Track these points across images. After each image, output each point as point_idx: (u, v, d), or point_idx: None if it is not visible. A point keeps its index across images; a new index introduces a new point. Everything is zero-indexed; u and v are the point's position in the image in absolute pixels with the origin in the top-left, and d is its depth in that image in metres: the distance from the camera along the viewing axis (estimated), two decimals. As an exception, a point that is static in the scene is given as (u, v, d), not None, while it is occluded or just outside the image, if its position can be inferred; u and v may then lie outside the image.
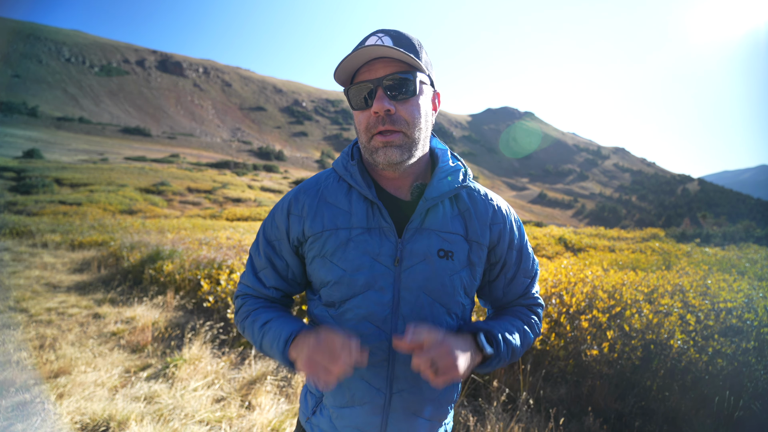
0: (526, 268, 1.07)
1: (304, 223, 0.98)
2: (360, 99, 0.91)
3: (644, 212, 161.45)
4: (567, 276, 3.99)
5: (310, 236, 0.97)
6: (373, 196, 0.95)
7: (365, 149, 0.95)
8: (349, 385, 0.96)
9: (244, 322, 1.03)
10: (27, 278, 6.32)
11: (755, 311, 3.05)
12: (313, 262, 0.98)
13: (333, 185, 1.00)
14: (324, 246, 0.95)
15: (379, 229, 0.94)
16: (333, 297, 0.96)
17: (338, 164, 1.02)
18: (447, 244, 0.95)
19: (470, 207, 1.00)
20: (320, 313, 1.00)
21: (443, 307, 0.95)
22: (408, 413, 0.97)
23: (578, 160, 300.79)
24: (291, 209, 1.00)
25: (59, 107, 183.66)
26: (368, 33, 0.95)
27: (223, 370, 3.30)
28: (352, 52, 0.88)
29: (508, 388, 2.88)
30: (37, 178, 29.04)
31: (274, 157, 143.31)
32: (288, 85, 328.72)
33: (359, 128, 0.94)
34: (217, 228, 12.24)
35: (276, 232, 1.03)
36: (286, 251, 1.02)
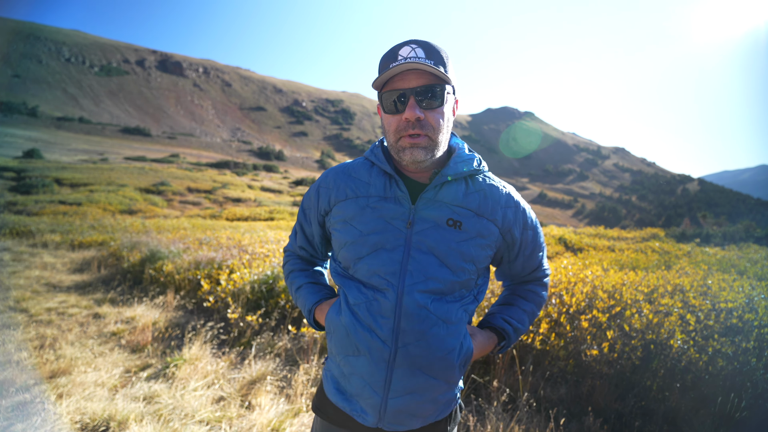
0: (540, 244, 1.23)
1: (330, 194, 1.16)
2: (392, 104, 1.02)
3: (644, 212, 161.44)
4: (567, 276, 3.99)
5: (334, 204, 1.14)
6: (391, 170, 1.09)
7: (392, 148, 1.07)
8: (356, 334, 1.04)
9: (286, 280, 1.34)
10: (27, 278, 6.31)
11: (756, 311, 3.05)
12: (335, 227, 1.14)
13: (359, 166, 1.17)
14: (346, 211, 1.11)
15: (395, 198, 1.07)
16: (349, 256, 1.09)
17: (368, 151, 1.18)
18: (456, 215, 1.06)
19: (484, 189, 1.11)
20: (339, 275, 1.14)
21: (449, 268, 1.04)
22: (414, 369, 1.02)
23: (578, 160, 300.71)
24: (321, 184, 1.19)
25: (59, 107, 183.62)
26: (401, 41, 1.04)
27: (223, 370, 3.30)
28: (391, 64, 1.00)
29: (508, 388, 2.88)
30: (37, 178, 29.02)
31: (274, 157, 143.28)
32: (288, 85, 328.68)
33: (389, 129, 1.05)
34: (217, 228, 12.24)
35: (309, 203, 1.22)
36: (313, 220, 1.22)
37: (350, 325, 1.05)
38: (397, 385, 1.02)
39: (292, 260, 1.34)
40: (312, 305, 1.21)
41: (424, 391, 1.04)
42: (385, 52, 1.04)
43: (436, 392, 1.05)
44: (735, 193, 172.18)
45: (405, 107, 1.00)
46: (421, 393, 1.04)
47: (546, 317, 3.25)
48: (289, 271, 1.33)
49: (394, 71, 0.98)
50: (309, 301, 1.22)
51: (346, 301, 1.09)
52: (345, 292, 1.10)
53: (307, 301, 1.22)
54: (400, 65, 0.97)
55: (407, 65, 0.97)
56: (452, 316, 1.04)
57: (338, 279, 1.15)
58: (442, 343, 1.03)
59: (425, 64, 0.96)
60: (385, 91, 1.02)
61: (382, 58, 1.04)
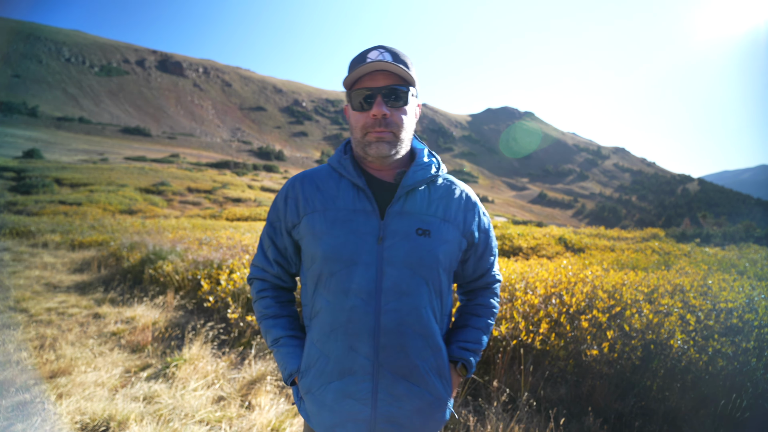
0: (491, 247, 1.26)
1: (298, 206, 1.14)
2: (360, 102, 1.08)
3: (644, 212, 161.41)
4: (567, 276, 3.99)
5: (303, 216, 1.13)
6: (363, 183, 1.10)
7: (358, 144, 1.12)
8: (338, 359, 1.07)
9: (259, 320, 1.25)
10: (27, 278, 6.32)
11: (756, 311, 3.05)
12: (304, 240, 1.13)
13: (325, 176, 1.17)
14: (315, 225, 1.10)
15: (364, 211, 1.09)
16: (321, 271, 1.08)
17: (332, 159, 1.19)
18: (425, 224, 1.10)
19: (446, 195, 1.16)
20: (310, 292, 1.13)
21: (422, 278, 1.08)
22: (397, 377, 1.07)
23: (578, 160, 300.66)
24: (288, 194, 1.17)
25: (59, 107, 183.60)
26: (369, 47, 1.11)
27: (223, 370, 3.30)
28: (360, 64, 1.06)
29: (508, 388, 2.88)
30: (37, 178, 29.02)
31: (274, 157, 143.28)
32: (288, 85, 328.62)
33: (356, 125, 1.10)
34: (217, 228, 12.23)
35: (276, 215, 1.20)
36: (284, 232, 1.19)
37: (332, 352, 1.08)
38: (384, 394, 1.06)
39: (266, 295, 1.23)
40: (294, 371, 1.15)
41: (409, 400, 1.08)
42: (355, 56, 1.11)
43: (422, 401, 1.09)
44: (735, 193, 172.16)
45: (372, 105, 1.07)
46: (408, 401, 1.08)
47: (546, 317, 3.25)
48: (262, 312, 1.23)
49: (364, 70, 1.05)
50: (290, 366, 1.15)
51: (322, 327, 1.09)
52: (319, 315, 1.10)
53: (288, 365, 1.15)
54: (370, 64, 1.04)
55: (376, 65, 1.04)
56: (427, 329, 1.09)
57: (309, 298, 1.15)
58: (420, 354, 1.08)
59: (393, 65, 1.04)
60: (355, 89, 1.09)
61: (352, 61, 1.11)
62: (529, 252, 9.82)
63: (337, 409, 1.07)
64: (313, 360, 1.11)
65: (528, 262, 5.94)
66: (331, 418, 1.09)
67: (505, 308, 3.37)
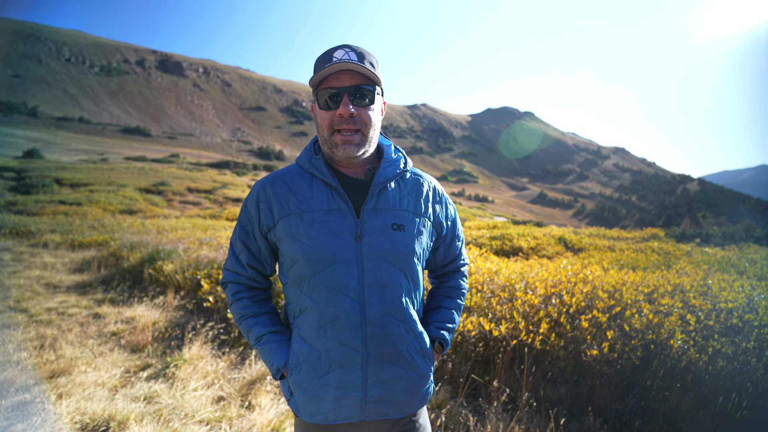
0: (458, 234, 1.34)
1: (272, 209, 1.14)
2: (327, 101, 1.10)
3: (644, 212, 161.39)
4: (567, 276, 3.99)
5: (279, 219, 1.13)
6: (336, 183, 1.13)
7: (326, 143, 1.14)
8: (329, 353, 1.10)
9: (238, 321, 1.25)
10: (27, 278, 6.31)
11: (756, 311, 3.05)
12: (283, 242, 1.14)
13: (296, 177, 1.17)
14: (292, 227, 1.11)
15: (339, 210, 1.12)
16: (304, 272, 1.11)
17: (302, 159, 1.20)
18: (399, 219, 1.15)
19: (415, 189, 1.21)
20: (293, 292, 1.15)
21: (400, 270, 1.13)
22: (384, 363, 1.13)
23: (578, 160, 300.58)
24: (260, 198, 1.17)
25: (59, 107, 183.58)
26: (334, 46, 1.13)
27: (223, 370, 3.30)
28: (326, 64, 1.07)
29: (508, 388, 2.88)
30: (37, 178, 29.02)
31: (274, 157, 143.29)
32: (288, 85, 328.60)
33: (322, 124, 1.12)
34: (217, 228, 12.23)
35: (248, 218, 1.19)
36: (257, 235, 1.19)
37: (322, 347, 1.11)
38: (373, 379, 1.12)
39: (242, 296, 1.23)
40: (281, 366, 1.16)
41: (396, 381, 1.15)
42: (320, 55, 1.12)
43: (408, 380, 1.16)
44: (735, 193, 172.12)
45: (339, 104, 1.09)
46: (395, 382, 1.15)
47: (546, 317, 3.25)
48: (240, 313, 1.23)
49: (330, 70, 1.07)
50: (277, 361, 1.16)
51: (311, 324, 1.12)
52: (306, 313, 1.13)
53: (275, 360, 1.16)
54: (336, 64, 1.06)
55: (342, 65, 1.06)
56: (408, 316, 1.16)
57: (292, 296, 1.16)
58: (404, 340, 1.15)
59: (358, 65, 1.06)
60: (321, 88, 1.11)
61: (318, 59, 1.12)
62: (529, 252, 9.81)
63: (329, 399, 1.12)
64: (303, 356, 1.13)
65: (528, 262, 5.94)
66: (323, 408, 1.13)
67: (505, 308, 3.37)
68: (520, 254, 9.57)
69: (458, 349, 3.22)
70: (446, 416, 2.63)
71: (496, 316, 3.32)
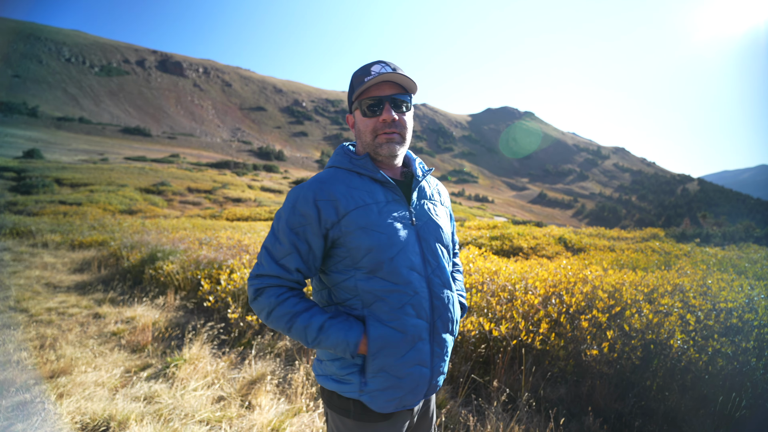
0: (455, 231, 1.55)
1: (336, 205, 1.21)
2: (371, 109, 1.25)
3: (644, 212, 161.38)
4: (567, 276, 3.99)
5: (345, 213, 1.20)
6: (387, 178, 1.26)
7: (369, 146, 1.28)
8: (412, 329, 1.21)
9: (288, 323, 1.20)
10: (27, 278, 6.32)
11: (755, 311, 3.05)
12: (350, 236, 1.20)
13: (347, 177, 1.27)
14: (361, 219, 1.20)
15: (395, 201, 1.27)
16: (380, 258, 1.19)
17: (341, 162, 1.31)
18: (435, 207, 1.37)
19: (436, 186, 1.46)
20: (367, 284, 1.20)
21: (444, 247, 1.34)
22: (444, 331, 1.29)
23: (578, 160, 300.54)
24: (318, 197, 1.21)
25: (59, 107, 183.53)
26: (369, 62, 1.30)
27: (223, 370, 3.30)
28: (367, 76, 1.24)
29: (508, 388, 2.88)
30: (37, 178, 29.03)
31: (274, 157, 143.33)
32: (288, 85, 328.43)
33: (365, 130, 1.27)
34: (217, 228, 12.24)
35: (300, 220, 1.21)
36: (315, 234, 1.22)
37: (403, 326, 1.21)
38: (437, 350, 1.27)
39: (288, 296, 1.21)
40: (359, 338, 1.18)
41: (446, 348, 1.30)
42: (357, 70, 1.29)
43: (450, 347, 1.33)
44: (735, 193, 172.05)
45: (382, 111, 1.24)
46: (446, 349, 1.31)
47: (546, 317, 3.25)
48: (291, 312, 1.19)
49: (374, 81, 1.22)
50: (353, 335, 1.18)
51: (391, 307, 1.20)
52: (385, 297, 1.21)
53: (350, 334, 1.18)
54: (382, 75, 1.21)
55: (387, 76, 1.22)
56: (452, 286, 1.34)
57: (358, 288, 1.22)
58: (454, 306, 1.33)
59: (400, 75, 1.23)
60: (364, 98, 1.25)
61: (357, 74, 1.28)
62: (529, 252, 9.82)
63: (408, 379, 1.22)
64: (385, 339, 1.19)
65: (528, 262, 5.94)
66: (400, 390, 1.22)
67: (505, 308, 3.37)
68: (520, 254, 9.57)
69: (458, 349, 3.22)
70: (446, 416, 2.63)
71: (496, 316, 3.32)
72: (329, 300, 1.29)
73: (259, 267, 1.24)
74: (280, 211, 1.25)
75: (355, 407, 1.24)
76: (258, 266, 1.25)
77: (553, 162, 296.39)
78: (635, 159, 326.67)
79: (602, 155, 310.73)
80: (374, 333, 1.19)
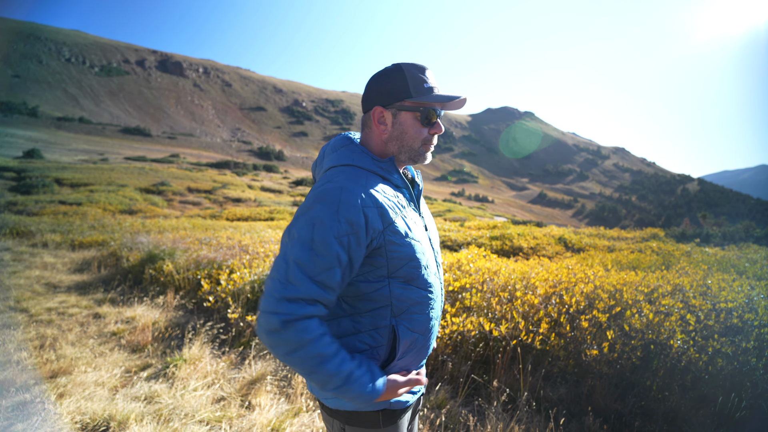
0: None
1: (382, 212, 1.11)
2: (433, 120, 1.21)
3: (644, 212, 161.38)
4: (567, 276, 3.99)
5: (391, 222, 1.12)
6: (407, 184, 1.25)
7: (413, 151, 1.22)
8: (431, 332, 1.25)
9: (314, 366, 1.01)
10: (27, 278, 6.32)
11: (755, 311, 3.05)
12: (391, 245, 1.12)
13: (373, 180, 1.16)
14: (400, 227, 1.14)
15: (412, 207, 1.26)
16: (417, 265, 1.17)
17: (364, 163, 1.19)
18: (426, 208, 1.39)
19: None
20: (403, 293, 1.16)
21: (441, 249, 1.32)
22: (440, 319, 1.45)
23: (578, 160, 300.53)
24: (364, 203, 1.07)
25: (59, 107, 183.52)
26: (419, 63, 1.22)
27: (223, 370, 3.30)
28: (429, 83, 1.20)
29: (508, 388, 2.88)
30: (37, 178, 29.02)
31: (274, 157, 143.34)
32: (288, 85, 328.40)
33: (417, 137, 1.20)
34: (217, 228, 12.23)
35: (347, 228, 1.03)
36: (355, 246, 1.06)
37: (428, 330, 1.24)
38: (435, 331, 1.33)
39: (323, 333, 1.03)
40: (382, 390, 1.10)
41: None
42: (413, 68, 1.18)
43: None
44: (735, 193, 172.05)
45: (436, 125, 1.22)
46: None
47: (546, 317, 3.25)
48: (322, 355, 1.01)
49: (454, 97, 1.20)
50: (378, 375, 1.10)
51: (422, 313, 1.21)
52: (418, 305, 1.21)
53: (375, 377, 1.09)
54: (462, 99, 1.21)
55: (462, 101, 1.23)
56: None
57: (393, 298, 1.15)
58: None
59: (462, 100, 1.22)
60: (431, 107, 1.19)
61: (414, 73, 1.17)
62: (529, 252, 9.82)
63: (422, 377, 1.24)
64: (409, 343, 1.20)
65: (528, 262, 5.94)
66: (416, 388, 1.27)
67: (505, 308, 3.37)
68: (520, 254, 9.57)
69: (458, 349, 3.22)
70: (446, 416, 2.63)
71: (496, 316, 3.32)
72: (341, 312, 1.16)
73: (287, 287, 1.00)
74: (314, 216, 1.04)
75: (384, 415, 1.20)
76: (285, 286, 1.00)
77: (553, 162, 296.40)
78: (635, 159, 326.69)
79: (602, 155, 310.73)
80: (403, 341, 1.18)
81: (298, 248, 1.02)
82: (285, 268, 1.01)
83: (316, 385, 1.06)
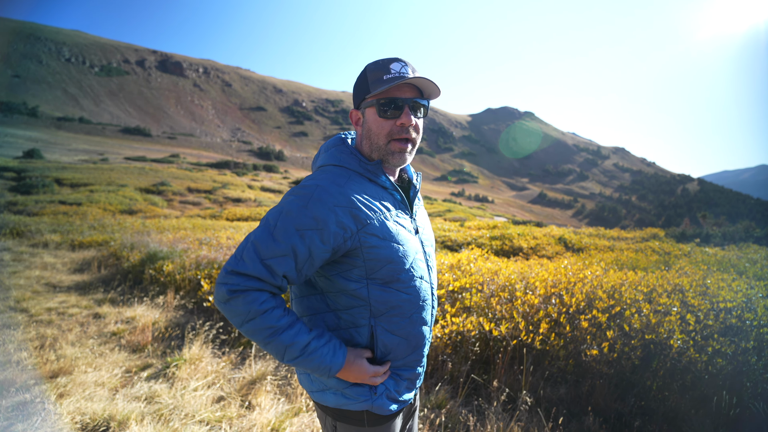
0: None
1: (357, 213, 1.10)
2: (389, 110, 1.15)
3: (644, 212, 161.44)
4: (567, 276, 3.99)
5: (365, 224, 1.11)
6: (396, 187, 1.23)
7: (379, 149, 1.19)
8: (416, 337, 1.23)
9: (268, 338, 1.06)
10: (27, 278, 6.32)
11: (755, 311, 3.05)
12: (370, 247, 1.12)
13: (358, 180, 1.17)
14: (379, 230, 1.13)
15: (403, 210, 1.24)
16: (397, 268, 1.16)
17: (351, 164, 1.19)
18: (424, 211, 1.38)
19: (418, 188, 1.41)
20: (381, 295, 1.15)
21: (435, 253, 1.38)
22: (433, 321, 1.33)
23: (578, 160, 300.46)
24: (337, 202, 1.09)
25: (59, 107, 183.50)
26: (385, 57, 1.18)
27: (224, 370, 3.30)
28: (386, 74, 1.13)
29: (508, 387, 2.89)
30: (37, 178, 29.01)
31: (274, 157, 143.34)
32: (288, 85, 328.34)
33: (379, 132, 1.17)
34: (217, 228, 12.23)
35: (311, 223, 1.06)
36: (318, 242, 1.07)
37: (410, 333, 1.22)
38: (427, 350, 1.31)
39: (271, 306, 1.06)
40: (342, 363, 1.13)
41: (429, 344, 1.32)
42: (373, 65, 1.17)
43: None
44: (735, 193, 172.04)
45: (401, 114, 1.15)
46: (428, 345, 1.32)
47: (546, 317, 3.25)
48: (273, 327, 1.05)
49: (400, 81, 1.12)
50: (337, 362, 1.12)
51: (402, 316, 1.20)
52: (398, 307, 1.19)
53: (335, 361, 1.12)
54: (413, 79, 1.12)
55: (416, 81, 1.13)
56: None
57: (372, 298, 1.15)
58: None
59: (426, 80, 1.14)
60: (382, 98, 1.15)
61: (372, 69, 1.16)
62: (529, 252, 9.82)
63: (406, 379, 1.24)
64: (391, 346, 1.20)
65: (528, 262, 5.94)
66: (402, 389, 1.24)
67: (505, 308, 3.37)
68: (520, 254, 9.58)
69: (458, 349, 3.22)
70: (446, 416, 2.63)
71: (496, 316, 3.33)
72: (324, 307, 1.19)
73: (238, 263, 1.05)
74: (284, 206, 1.08)
75: (368, 416, 1.21)
76: (237, 262, 1.06)
77: (553, 162, 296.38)
78: (635, 159, 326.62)
79: (602, 155, 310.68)
80: (382, 339, 1.18)
81: (260, 231, 1.08)
82: (243, 246, 1.08)
83: (275, 356, 1.10)
